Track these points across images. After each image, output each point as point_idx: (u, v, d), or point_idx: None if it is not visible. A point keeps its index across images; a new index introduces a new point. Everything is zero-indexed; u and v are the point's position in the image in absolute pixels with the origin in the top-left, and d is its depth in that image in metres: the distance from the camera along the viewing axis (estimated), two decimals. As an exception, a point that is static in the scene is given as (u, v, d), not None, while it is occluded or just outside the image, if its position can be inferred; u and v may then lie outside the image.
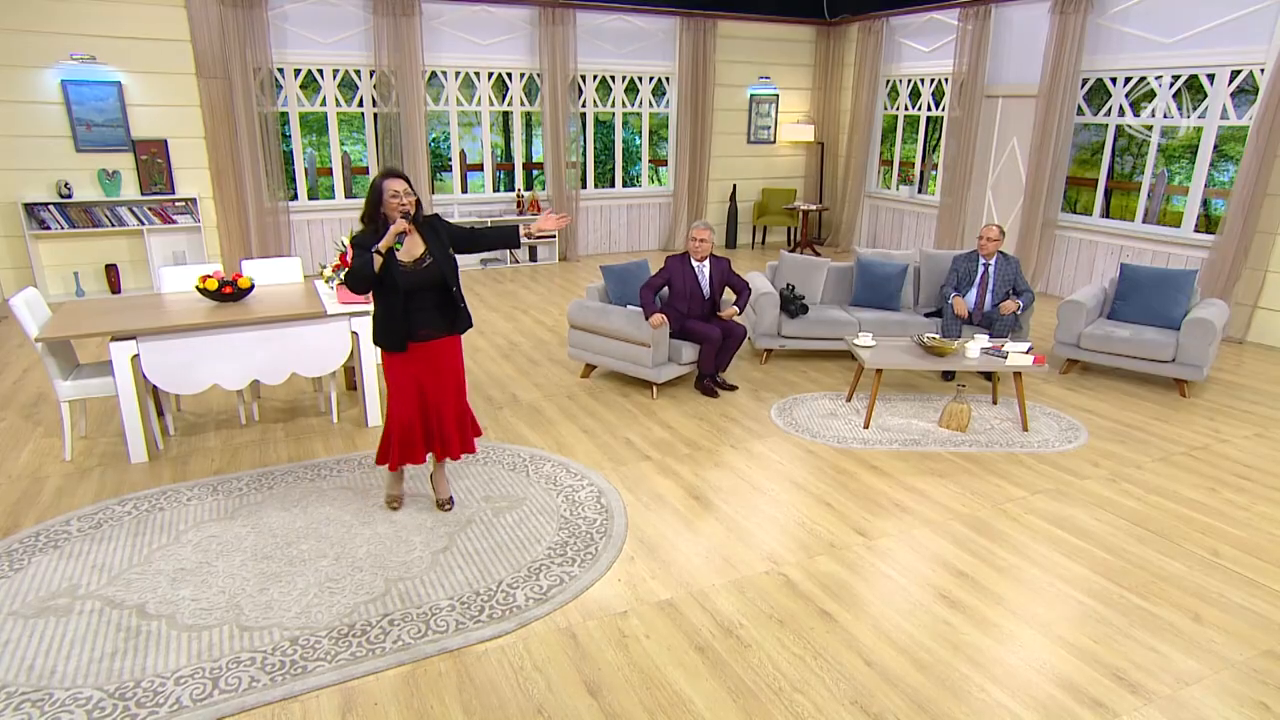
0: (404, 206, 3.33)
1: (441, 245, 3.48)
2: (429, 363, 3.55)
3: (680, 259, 5.47)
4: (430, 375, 3.57)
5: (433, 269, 3.44)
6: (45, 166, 7.75)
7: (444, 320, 3.56)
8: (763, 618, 3.11)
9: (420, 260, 3.43)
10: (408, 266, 3.39)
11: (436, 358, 3.56)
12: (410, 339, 3.48)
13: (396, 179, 3.36)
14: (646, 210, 11.07)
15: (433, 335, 3.53)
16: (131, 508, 3.89)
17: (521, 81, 9.82)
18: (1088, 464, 4.55)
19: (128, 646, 2.87)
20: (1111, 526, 3.85)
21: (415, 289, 3.41)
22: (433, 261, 3.44)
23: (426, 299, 3.47)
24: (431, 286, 3.45)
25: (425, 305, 3.47)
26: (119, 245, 8.16)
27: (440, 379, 3.59)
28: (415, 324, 3.47)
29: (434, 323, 3.52)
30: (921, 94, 10.32)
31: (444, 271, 3.46)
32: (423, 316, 3.48)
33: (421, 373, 3.55)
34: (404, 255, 3.39)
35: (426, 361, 3.54)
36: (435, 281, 3.45)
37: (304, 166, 9.21)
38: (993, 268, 5.95)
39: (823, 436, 4.85)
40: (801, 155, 11.77)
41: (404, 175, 3.41)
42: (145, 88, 7.97)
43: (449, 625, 3.03)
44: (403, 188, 3.35)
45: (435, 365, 3.56)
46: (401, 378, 3.53)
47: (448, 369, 3.62)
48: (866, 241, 11.31)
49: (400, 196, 3.33)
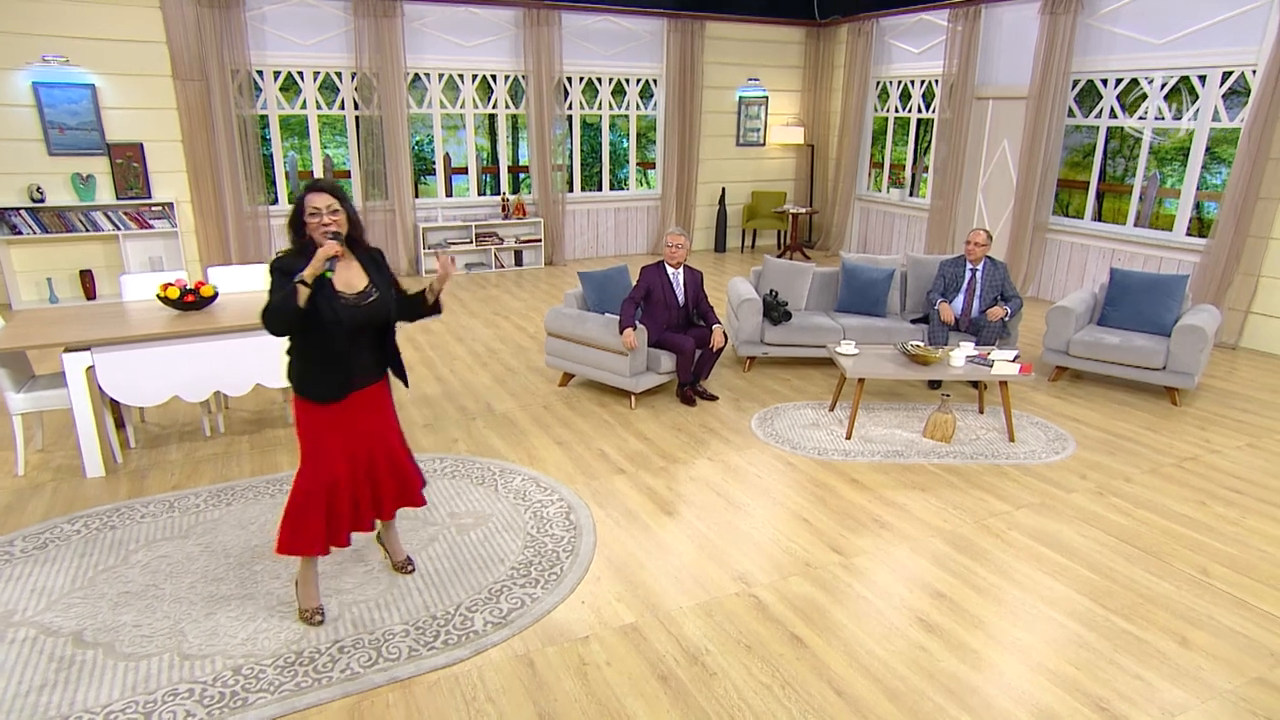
0: (325, 228, 2.70)
1: (385, 281, 2.93)
2: (361, 414, 2.95)
3: (656, 268, 5.34)
4: (364, 428, 2.97)
5: (379, 305, 2.86)
6: (16, 170, 7.60)
7: (376, 365, 2.99)
8: (730, 643, 2.97)
9: (364, 294, 2.84)
10: (350, 300, 2.79)
11: (369, 406, 2.98)
12: (350, 387, 2.89)
13: (319, 193, 2.72)
14: (634, 213, 10.93)
15: (365, 382, 2.95)
16: (81, 526, 3.74)
17: (506, 84, 9.68)
18: (1075, 476, 4.42)
19: (58, 678, 2.73)
20: (1098, 543, 3.72)
21: (355, 326, 2.81)
22: (379, 296, 2.87)
23: (364, 340, 2.91)
24: (373, 326, 2.90)
25: (364, 345, 2.91)
26: (94, 251, 8.01)
27: (372, 430, 3.00)
28: (351, 369, 2.88)
29: (368, 368, 2.95)
30: (912, 96, 10.20)
31: (388, 308, 2.91)
32: (358, 360, 2.90)
33: (353, 426, 2.94)
34: (342, 285, 2.79)
35: (358, 412, 2.94)
36: (379, 320, 2.90)
37: (285, 170, 9.07)
38: (980, 273, 5.83)
39: (803, 448, 4.71)
40: (791, 158, 11.65)
41: (332, 189, 2.75)
42: (120, 90, 7.82)
43: (401, 652, 2.89)
44: (325, 203, 2.70)
45: (365, 415, 2.97)
46: (329, 435, 2.89)
47: (380, 416, 3.04)
48: (857, 245, 11.19)
49: (321, 214, 2.69)
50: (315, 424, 2.88)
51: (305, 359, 2.83)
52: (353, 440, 2.95)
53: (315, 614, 3.05)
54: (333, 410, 2.88)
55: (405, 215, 9.29)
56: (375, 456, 3.02)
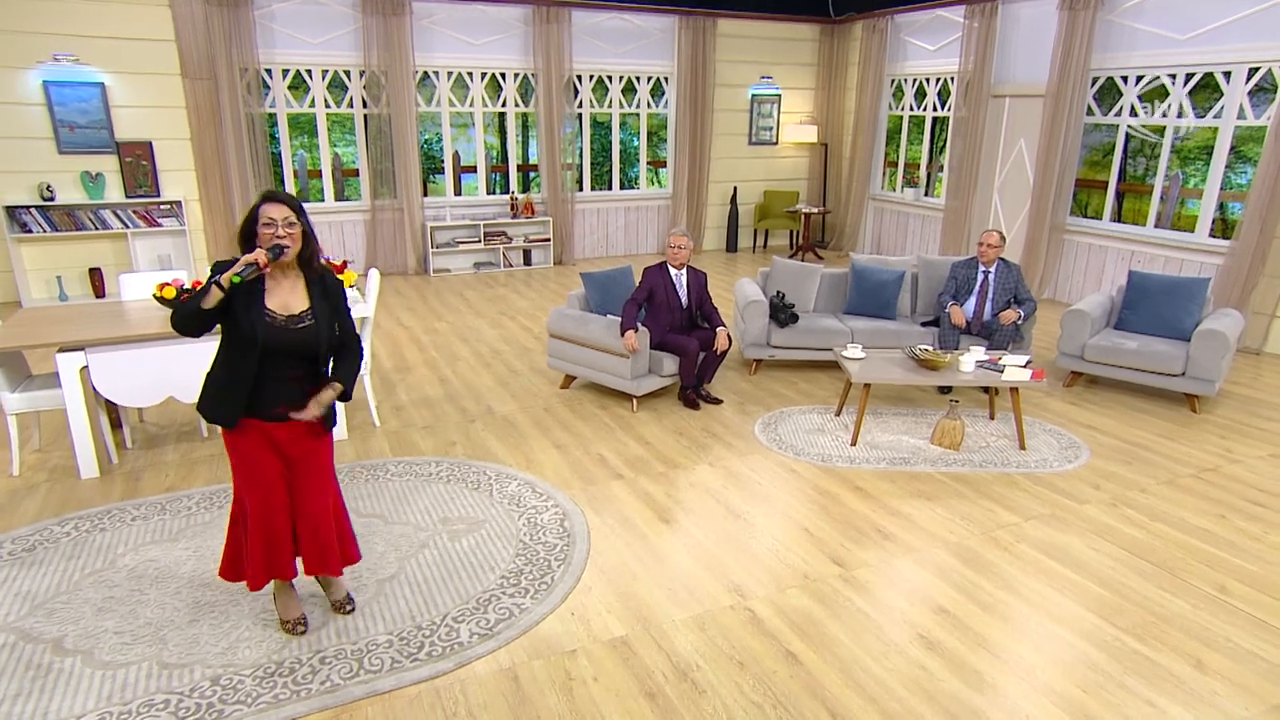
0: (279, 239, 2.53)
1: (329, 311, 2.71)
2: (283, 450, 2.74)
3: (658, 269, 5.24)
4: (288, 466, 2.76)
5: (309, 333, 2.63)
6: (26, 169, 7.63)
7: (307, 399, 2.71)
8: (722, 659, 2.87)
9: (298, 318, 2.63)
10: (276, 319, 2.59)
11: (292, 446, 2.75)
12: (255, 414, 2.65)
13: (275, 204, 2.55)
14: (645, 213, 10.84)
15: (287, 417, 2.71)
16: (72, 528, 3.71)
17: (516, 82, 9.62)
18: (1088, 486, 4.27)
19: (34, 687, 2.68)
20: (1110, 558, 3.58)
21: (279, 350, 2.60)
22: (312, 324, 2.65)
23: (290, 369, 2.66)
24: (300, 354, 2.66)
25: (287, 375, 2.66)
26: (103, 249, 8.04)
27: (296, 475, 2.77)
28: (266, 396, 2.64)
29: (295, 399, 2.68)
30: (927, 94, 10.03)
31: (321, 340, 2.67)
32: (280, 389, 2.66)
33: (279, 461, 2.74)
34: (277, 305, 2.61)
35: (279, 448, 2.73)
36: (308, 349, 2.65)
37: (294, 169, 9.05)
38: (993, 275, 5.68)
39: (807, 454, 4.60)
40: (805, 157, 11.50)
41: (288, 200, 2.58)
42: (129, 89, 7.84)
43: (384, 664, 2.82)
44: (282, 215, 2.54)
45: (294, 456, 2.76)
46: (255, 463, 2.68)
47: (310, 465, 2.79)
48: (871, 245, 11.03)
49: (276, 225, 2.53)
50: (238, 449, 2.70)
51: (214, 373, 2.67)
52: (272, 477, 2.72)
53: (297, 624, 2.97)
54: (251, 437, 2.68)
55: (414, 214, 9.25)
56: (299, 504, 2.80)
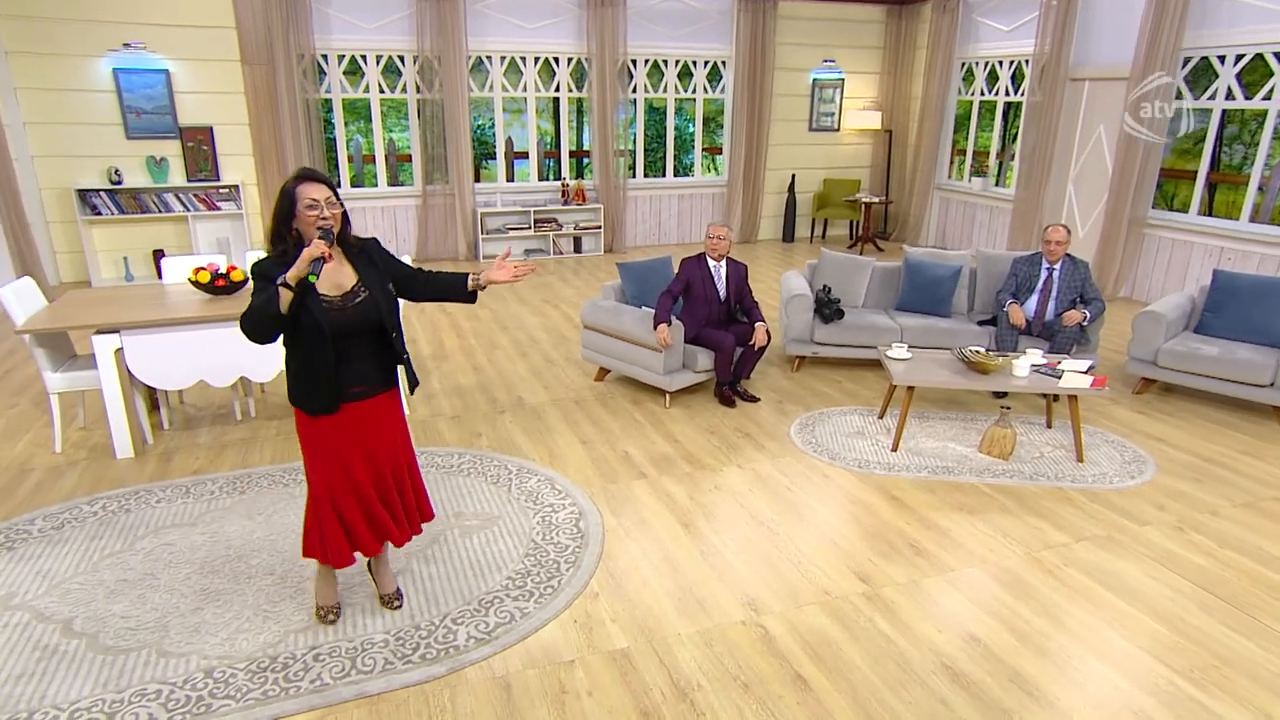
0: (325, 222, 2.48)
1: (379, 277, 2.69)
2: (363, 427, 2.72)
3: (696, 260, 5.05)
4: (365, 443, 2.74)
5: (368, 306, 2.62)
6: (97, 153, 7.92)
7: (380, 372, 2.74)
8: (726, 679, 2.71)
9: (352, 294, 2.61)
10: (334, 302, 2.57)
11: (373, 420, 2.75)
12: (341, 397, 2.66)
13: (314, 183, 2.50)
14: (699, 200, 10.61)
15: (367, 392, 2.71)
16: (100, 508, 3.78)
17: (569, 67, 9.50)
18: (1151, 506, 3.92)
19: (38, 669, 2.71)
20: (1170, 588, 3.26)
21: (346, 331, 2.59)
22: (368, 295, 2.63)
23: (360, 345, 2.66)
24: (366, 329, 2.65)
25: (358, 353, 2.66)
26: (166, 231, 8.29)
27: (378, 447, 2.77)
28: (345, 377, 2.65)
29: (368, 376, 2.70)
30: (1000, 77, 9.48)
31: (381, 310, 2.65)
32: (355, 368, 2.66)
33: (354, 440, 2.72)
34: (328, 287, 2.57)
35: (360, 425, 2.72)
36: (371, 323, 2.64)
37: (349, 154, 9.16)
38: (1058, 273, 5.29)
39: (843, 459, 4.36)
40: (868, 144, 11.06)
41: (325, 179, 2.55)
42: (192, 75, 8.03)
43: (376, 664, 2.75)
44: (324, 195, 2.49)
45: (371, 430, 2.75)
46: (329, 447, 2.69)
47: (388, 433, 2.80)
48: (935, 237, 10.55)
49: (320, 207, 2.48)
50: (313, 435, 2.68)
51: (295, 368, 2.63)
52: (358, 455, 2.72)
53: (330, 612, 2.96)
54: (331, 422, 2.66)
55: (465, 200, 9.26)
56: (384, 474, 2.81)
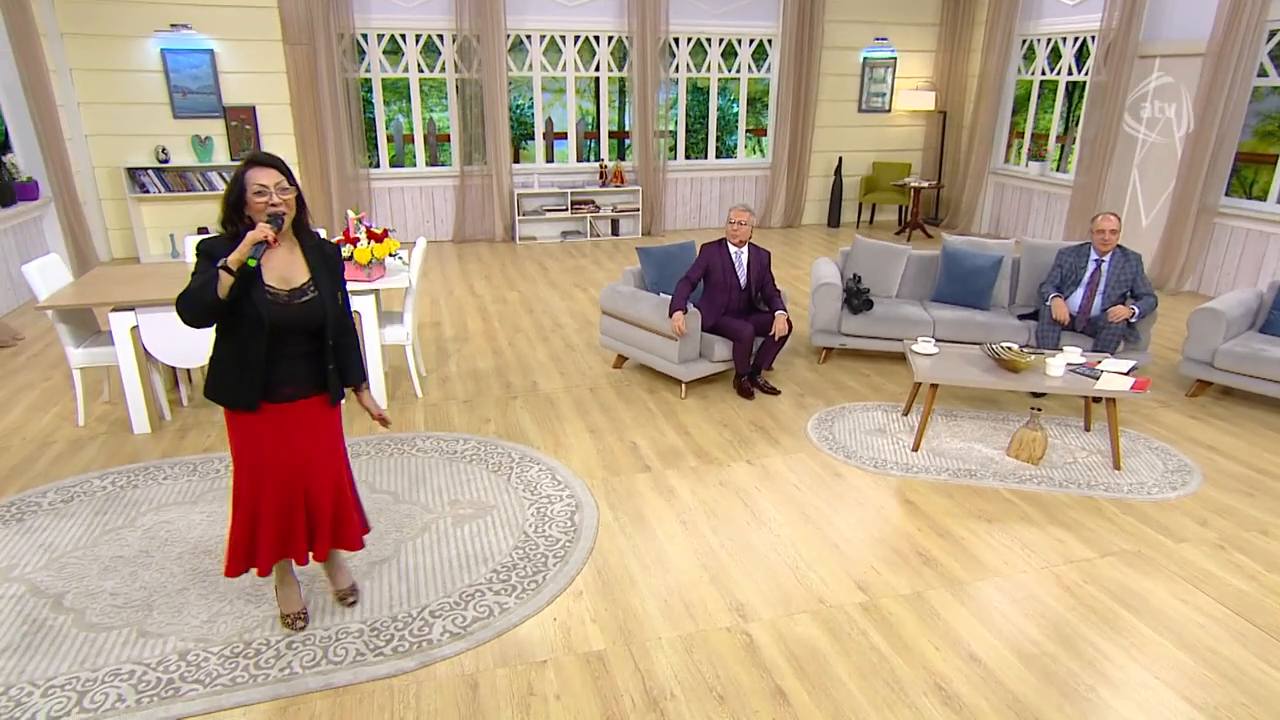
0: (275, 208, 2.35)
1: (331, 282, 2.54)
2: (288, 432, 2.58)
3: (717, 246, 4.88)
4: (288, 448, 2.60)
5: (313, 306, 2.47)
6: (146, 133, 8.12)
7: (316, 375, 2.58)
8: (702, 689, 2.58)
9: (300, 291, 2.47)
10: (279, 295, 2.43)
11: (299, 426, 2.60)
12: (267, 397, 2.51)
13: (263, 168, 2.36)
14: (741, 183, 10.35)
15: (298, 394, 2.56)
16: (109, 483, 3.85)
17: (610, 45, 9.33)
18: (1191, 521, 3.63)
19: (23, 643, 2.75)
20: (1202, 614, 2.99)
21: (286, 328, 2.45)
22: (315, 296, 2.48)
23: (298, 344, 2.51)
24: (306, 329, 2.50)
25: (294, 352, 2.51)
26: (210, 209, 8.45)
27: (302, 455, 2.62)
28: (276, 376, 2.50)
29: (302, 377, 2.55)
30: (1063, 55, 8.95)
31: (326, 312, 2.49)
32: (289, 367, 2.51)
33: (277, 443, 2.58)
34: (275, 279, 2.43)
35: (284, 429, 2.58)
36: (313, 323, 2.49)
37: (389, 134, 9.21)
38: (1107, 265, 4.94)
39: (859, 457, 4.17)
40: (920, 126, 10.61)
41: (279, 164, 2.40)
42: (235, 55, 8.15)
43: (347, 655, 2.71)
44: (273, 180, 2.36)
45: (296, 435, 2.60)
46: (255, 447, 2.56)
47: (316, 442, 2.64)
48: (988, 224, 10.08)
49: (268, 193, 2.35)
50: (239, 432, 2.56)
51: (221, 357, 2.50)
52: (283, 459, 2.59)
53: (297, 619, 2.83)
54: (258, 420, 2.54)
55: (502, 181, 9.21)
56: (311, 485, 2.67)
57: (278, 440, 2.58)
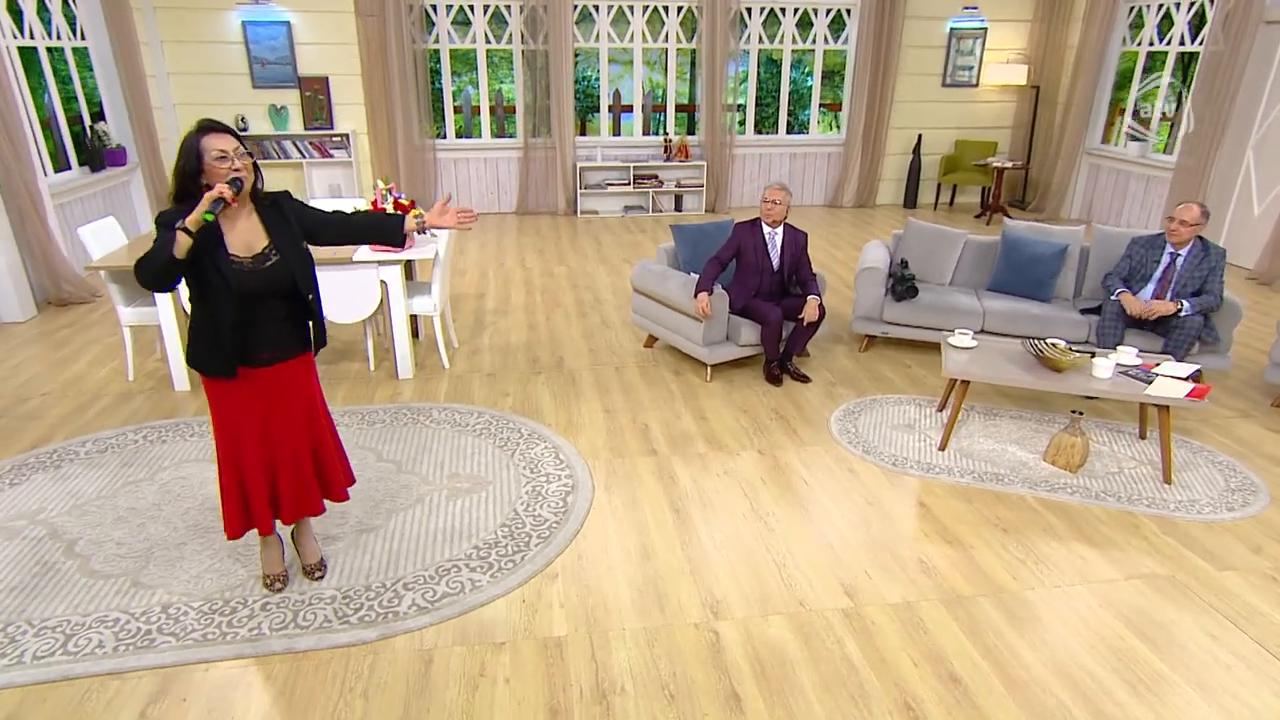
0: (238, 172, 2.38)
1: (292, 235, 2.57)
2: (269, 395, 2.64)
3: (750, 225, 4.69)
4: (271, 411, 2.66)
5: (278, 269, 2.52)
6: (227, 102, 8.48)
7: (294, 337, 2.65)
8: (654, 686, 2.50)
9: (263, 256, 2.50)
10: (243, 263, 2.47)
11: (283, 387, 2.66)
12: (244, 362, 2.56)
13: (219, 134, 2.39)
14: (813, 159, 9.98)
15: (278, 358, 2.63)
16: (142, 437, 4.06)
17: (679, 16, 9.10)
18: (1244, 547, 3.26)
19: (31, 583, 2.94)
20: (1232, 653, 2.69)
21: (254, 294, 2.49)
22: (279, 259, 2.52)
23: (271, 309, 2.56)
24: (276, 292, 2.54)
25: (269, 317, 2.57)
26: (285, 177, 8.79)
27: (285, 416, 2.69)
28: (253, 342, 2.56)
29: (280, 340, 2.61)
30: (1175, 22, 8.15)
31: (294, 272, 2.55)
32: (265, 332, 2.57)
33: (259, 407, 2.64)
34: (239, 247, 2.47)
35: (266, 393, 2.63)
36: (282, 286, 2.54)
37: (458, 105, 9.30)
38: (1182, 260, 4.49)
39: (878, 453, 3.95)
40: (1010, 102, 9.93)
41: (230, 129, 2.43)
42: (310, 26, 8.38)
43: (315, 621, 2.77)
44: (232, 146, 2.39)
45: (281, 397, 2.66)
46: (235, 413, 2.62)
47: (299, 401, 2.72)
48: (1080, 209, 9.37)
49: (230, 158, 2.37)
50: (219, 400, 2.62)
51: (197, 327, 2.54)
52: (266, 421, 2.66)
53: (276, 580, 2.92)
54: (238, 387, 2.60)
55: (565, 154, 9.18)
56: (294, 444, 2.73)
57: (258, 404, 2.64)
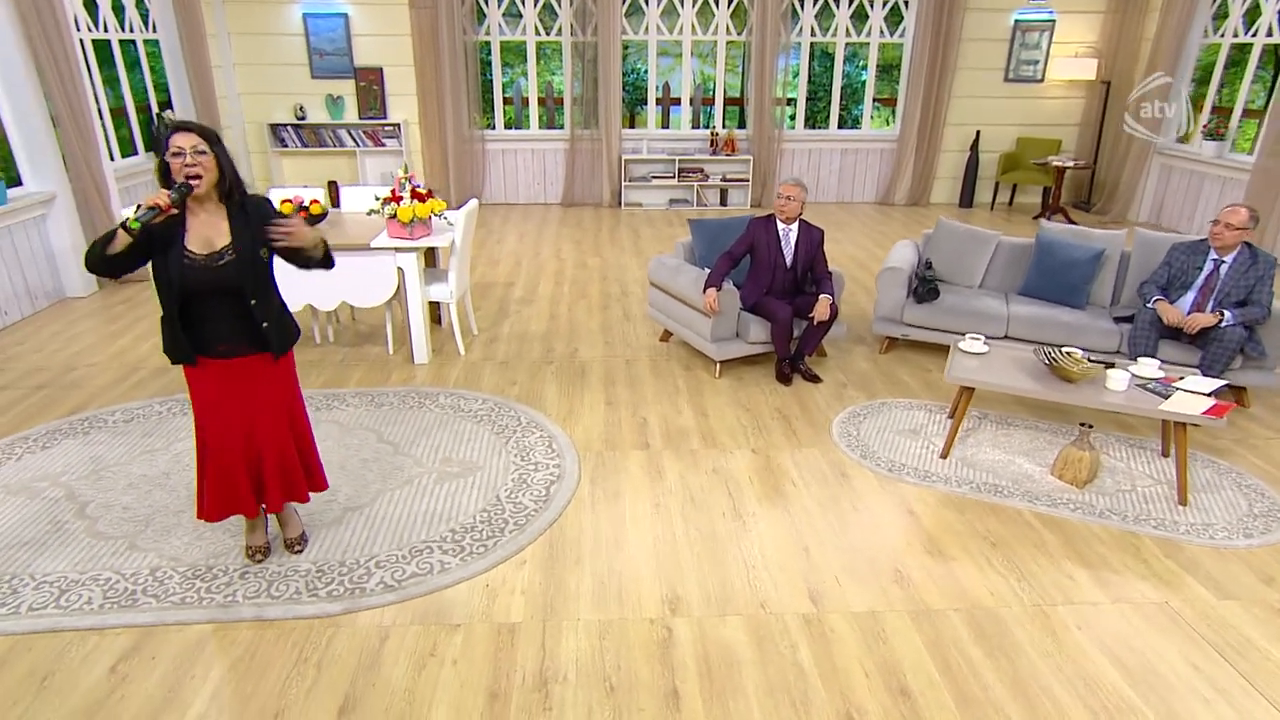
0: (189, 167, 2.44)
1: (250, 237, 2.60)
2: (233, 385, 2.74)
3: (764, 221, 4.62)
4: (236, 401, 2.75)
5: (229, 269, 2.56)
6: (287, 91, 8.83)
7: (244, 336, 2.70)
8: (595, 677, 2.52)
9: (218, 254, 2.56)
10: (196, 259, 2.53)
11: (241, 380, 2.74)
12: (204, 352, 2.68)
13: (184, 133, 2.45)
14: (865, 156, 9.74)
15: (233, 352, 2.70)
16: (167, 409, 4.29)
17: (729, 7, 9.00)
18: (1254, 577, 3.06)
19: (43, 539, 3.15)
20: (1214, 687, 2.53)
21: (200, 290, 2.57)
22: (234, 259, 2.57)
23: (218, 306, 2.62)
24: (222, 291, 2.60)
25: (215, 314, 2.63)
26: (340, 164, 9.11)
27: (248, 408, 2.77)
28: (205, 335, 2.66)
29: (230, 337, 2.68)
30: (1263, 12, 7.61)
31: (240, 275, 2.58)
32: (215, 328, 2.65)
33: (227, 395, 2.74)
34: (198, 244, 2.54)
35: (229, 382, 2.73)
36: (229, 285, 2.59)
37: (508, 96, 9.43)
38: (1227, 267, 4.22)
39: (876, 458, 3.85)
40: (1079, 98, 9.46)
41: (200, 129, 2.49)
42: (366, 18, 8.64)
43: (286, 592, 2.88)
44: (190, 144, 2.44)
45: (241, 389, 2.75)
46: (208, 399, 2.74)
47: (264, 397, 2.79)
48: (1149, 211, 8.88)
49: (184, 155, 2.43)
50: (192, 385, 2.76)
51: (163, 315, 2.64)
52: (226, 413, 2.75)
53: (257, 552, 3.04)
54: (202, 375, 2.72)
55: (611, 146, 9.22)
56: (257, 439, 2.81)
57: (221, 394, 2.74)
